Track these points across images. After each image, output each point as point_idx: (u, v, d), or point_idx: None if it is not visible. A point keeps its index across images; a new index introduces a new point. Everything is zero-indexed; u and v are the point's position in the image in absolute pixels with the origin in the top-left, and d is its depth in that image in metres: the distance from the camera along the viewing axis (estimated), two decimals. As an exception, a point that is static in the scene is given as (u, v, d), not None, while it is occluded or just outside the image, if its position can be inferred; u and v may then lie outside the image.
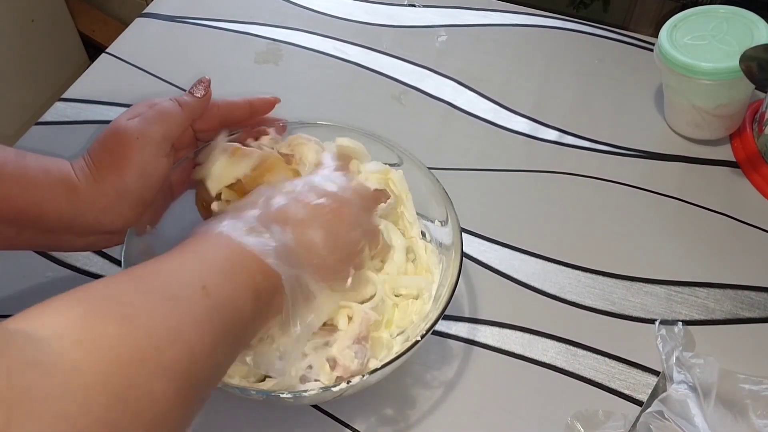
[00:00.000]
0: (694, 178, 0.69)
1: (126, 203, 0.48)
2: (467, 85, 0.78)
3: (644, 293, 0.61)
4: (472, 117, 0.75)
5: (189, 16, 0.85)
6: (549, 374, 0.56)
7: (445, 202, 0.53)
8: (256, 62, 0.80)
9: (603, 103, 0.76)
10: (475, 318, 0.59)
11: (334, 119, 0.58)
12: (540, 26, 0.85)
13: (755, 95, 0.69)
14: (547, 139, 0.73)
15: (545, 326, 0.58)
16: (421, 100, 0.76)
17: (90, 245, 0.51)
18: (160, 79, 0.78)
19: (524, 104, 0.76)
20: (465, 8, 0.86)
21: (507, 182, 0.69)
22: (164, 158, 0.49)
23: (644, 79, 0.77)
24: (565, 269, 0.62)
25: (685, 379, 0.53)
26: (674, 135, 0.73)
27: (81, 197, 0.47)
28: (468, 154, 0.71)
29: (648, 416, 0.51)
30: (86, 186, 0.47)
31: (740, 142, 0.71)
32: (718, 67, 0.63)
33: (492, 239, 0.64)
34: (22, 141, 0.71)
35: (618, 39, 0.83)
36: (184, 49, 0.81)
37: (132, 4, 1.61)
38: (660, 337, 0.57)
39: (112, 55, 0.80)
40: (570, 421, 0.52)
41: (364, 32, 0.84)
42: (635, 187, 0.68)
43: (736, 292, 0.61)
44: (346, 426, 0.53)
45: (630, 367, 0.56)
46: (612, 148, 0.72)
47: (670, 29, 0.67)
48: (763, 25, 0.65)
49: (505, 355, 0.57)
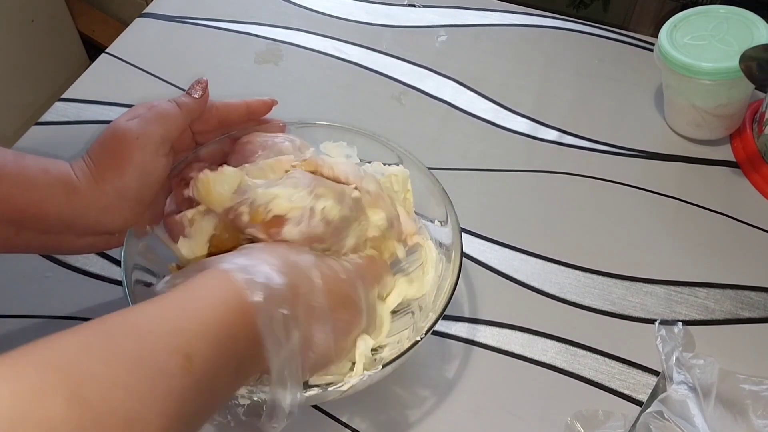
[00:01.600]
0: (693, 178, 0.69)
1: (126, 203, 0.48)
2: (467, 85, 0.78)
3: (644, 293, 0.61)
4: (472, 117, 0.75)
5: (189, 16, 0.85)
6: (549, 374, 0.56)
7: (445, 202, 0.53)
8: (256, 62, 0.80)
9: (603, 103, 0.76)
10: (475, 318, 0.59)
11: (334, 119, 0.58)
12: (540, 26, 0.85)
13: (755, 95, 0.69)
14: (547, 139, 0.73)
15: (545, 326, 0.58)
16: (421, 100, 0.76)
17: (89, 246, 0.51)
18: (160, 79, 0.78)
19: (524, 104, 0.76)
20: (465, 8, 0.86)
21: (507, 182, 0.69)
22: (163, 158, 0.49)
23: (644, 79, 0.77)
24: (565, 269, 0.62)
25: (685, 380, 0.53)
26: (674, 135, 0.73)
27: (81, 197, 0.47)
28: (468, 154, 0.71)
29: (648, 416, 0.51)
30: (86, 186, 0.47)
31: (740, 142, 0.71)
32: (718, 67, 0.63)
33: (492, 239, 0.64)
34: (22, 141, 0.71)
35: (618, 39, 0.83)
36: (184, 49, 0.81)
37: (132, 4, 1.61)
38: (660, 337, 0.57)
39: (112, 55, 0.80)
40: (570, 421, 0.52)
41: (364, 32, 0.84)
42: (635, 187, 0.68)
43: (736, 292, 0.61)
44: (346, 426, 0.53)
45: (630, 367, 0.56)
46: (612, 148, 0.72)
47: (670, 29, 0.67)
48: (763, 25, 0.65)
49: (505, 355, 0.57)
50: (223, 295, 0.37)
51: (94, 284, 0.60)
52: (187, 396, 0.31)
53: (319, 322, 0.42)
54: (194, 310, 0.35)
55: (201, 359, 0.32)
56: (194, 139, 0.54)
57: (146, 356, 0.31)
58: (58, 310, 0.58)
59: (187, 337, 0.33)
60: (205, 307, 0.36)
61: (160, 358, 0.31)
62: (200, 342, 0.33)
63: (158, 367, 0.31)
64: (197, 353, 0.32)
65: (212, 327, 0.35)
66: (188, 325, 0.34)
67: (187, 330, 0.33)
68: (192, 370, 0.32)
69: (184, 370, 0.31)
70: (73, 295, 0.59)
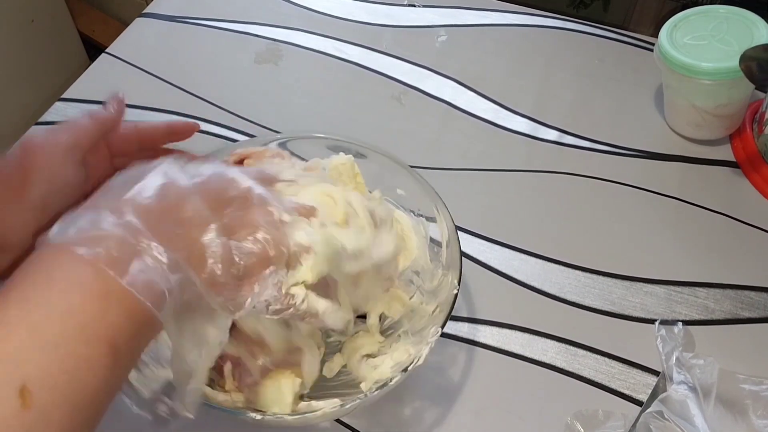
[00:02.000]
0: (694, 178, 0.69)
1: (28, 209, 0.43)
2: (467, 85, 0.78)
3: (644, 293, 0.61)
4: (472, 117, 0.75)
5: (189, 16, 0.85)
6: (549, 374, 0.56)
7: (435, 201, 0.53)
8: (256, 62, 0.80)
9: (603, 103, 0.76)
10: (475, 318, 0.59)
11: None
12: (540, 26, 0.85)
13: (755, 95, 0.69)
14: (547, 139, 0.73)
15: (545, 326, 0.58)
16: (421, 100, 0.76)
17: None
18: (160, 79, 0.78)
19: (524, 104, 0.76)
20: (465, 8, 0.86)
21: (507, 182, 0.69)
22: (72, 166, 0.46)
23: (644, 79, 0.77)
24: (565, 269, 0.62)
25: (685, 380, 0.53)
26: (674, 135, 0.73)
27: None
28: (468, 154, 0.71)
29: (648, 416, 0.51)
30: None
31: (740, 142, 0.71)
32: (718, 67, 0.63)
33: (492, 239, 0.64)
34: (22, 141, 0.71)
35: (618, 39, 0.83)
36: (184, 49, 0.81)
37: (132, 4, 1.61)
38: (660, 337, 0.57)
39: (112, 55, 0.80)
40: (570, 421, 0.52)
41: (364, 32, 0.84)
42: (635, 187, 0.68)
43: (736, 292, 0.61)
44: (346, 426, 0.53)
45: (630, 367, 0.56)
46: (612, 148, 0.72)
47: (670, 29, 0.67)
48: (763, 25, 0.65)
49: (505, 355, 0.57)
50: (70, 272, 0.32)
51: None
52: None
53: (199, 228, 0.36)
54: (39, 300, 0.31)
55: (40, 385, 0.29)
56: (112, 162, 0.51)
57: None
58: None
59: (24, 360, 0.29)
60: (44, 300, 0.31)
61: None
62: (43, 355, 0.29)
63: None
64: (37, 375, 0.29)
65: (59, 323, 0.30)
66: (19, 342, 0.29)
67: (17, 348, 0.29)
68: (31, 402, 0.28)
69: (20, 409, 0.28)
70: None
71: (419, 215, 0.55)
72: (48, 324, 0.30)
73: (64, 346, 0.30)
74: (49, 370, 0.29)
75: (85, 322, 0.31)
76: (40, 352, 0.29)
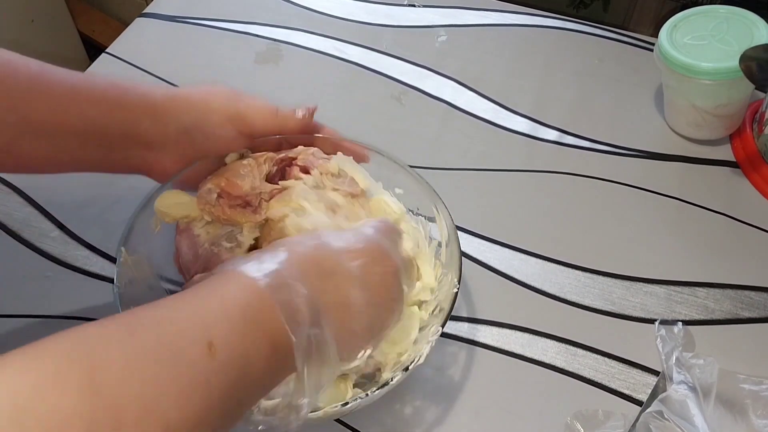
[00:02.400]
0: (694, 178, 0.69)
1: (179, 144, 0.50)
2: (467, 85, 0.78)
3: (644, 293, 0.61)
4: (472, 117, 0.75)
5: (189, 16, 0.85)
6: (549, 374, 0.56)
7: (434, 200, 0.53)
8: (256, 62, 0.80)
9: (603, 103, 0.76)
10: (474, 318, 0.59)
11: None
12: (540, 26, 0.85)
13: (755, 95, 0.69)
14: (547, 139, 0.73)
15: (545, 326, 0.58)
16: (421, 100, 0.76)
17: (138, 167, 0.52)
18: (160, 79, 0.78)
19: (524, 104, 0.76)
20: (465, 8, 0.86)
21: (507, 182, 0.69)
22: (232, 132, 0.51)
23: (644, 79, 0.77)
24: (565, 269, 0.62)
25: (685, 380, 0.53)
26: (674, 135, 0.73)
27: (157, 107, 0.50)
28: (468, 154, 0.71)
29: (648, 416, 0.51)
30: (164, 101, 0.50)
31: (740, 142, 0.71)
32: (718, 67, 0.63)
33: (492, 239, 0.64)
34: (22, 141, 0.71)
35: (618, 39, 0.83)
36: (184, 49, 0.81)
37: (132, 4, 1.61)
38: (660, 337, 0.57)
39: (112, 55, 0.80)
40: (570, 421, 0.52)
41: (364, 32, 0.84)
42: (635, 187, 0.68)
43: (736, 292, 0.61)
44: (345, 426, 0.53)
45: (630, 367, 0.56)
46: (612, 148, 0.72)
47: (670, 29, 0.67)
48: (763, 25, 0.65)
49: (505, 355, 0.57)
50: (239, 283, 0.37)
51: (94, 284, 0.60)
52: (213, 381, 0.31)
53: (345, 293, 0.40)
54: (212, 298, 0.35)
55: (224, 342, 0.32)
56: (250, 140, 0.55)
57: (166, 346, 0.30)
58: (58, 309, 0.58)
59: (208, 323, 0.33)
60: (223, 295, 0.36)
61: (180, 347, 0.31)
62: (222, 325, 0.33)
63: (179, 355, 0.30)
64: (219, 337, 0.32)
65: (233, 311, 0.34)
66: (208, 313, 0.34)
67: (207, 316, 0.33)
68: (216, 355, 0.31)
69: (207, 356, 0.31)
70: (73, 295, 0.59)
71: (418, 215, 0.55)
72: (233, 303, 0.35)
73: (242, 324, 0.34)
74: (228, 338, 0.33)
75: (254, 317, 0.35)
76: (226, 323, 0.33)
